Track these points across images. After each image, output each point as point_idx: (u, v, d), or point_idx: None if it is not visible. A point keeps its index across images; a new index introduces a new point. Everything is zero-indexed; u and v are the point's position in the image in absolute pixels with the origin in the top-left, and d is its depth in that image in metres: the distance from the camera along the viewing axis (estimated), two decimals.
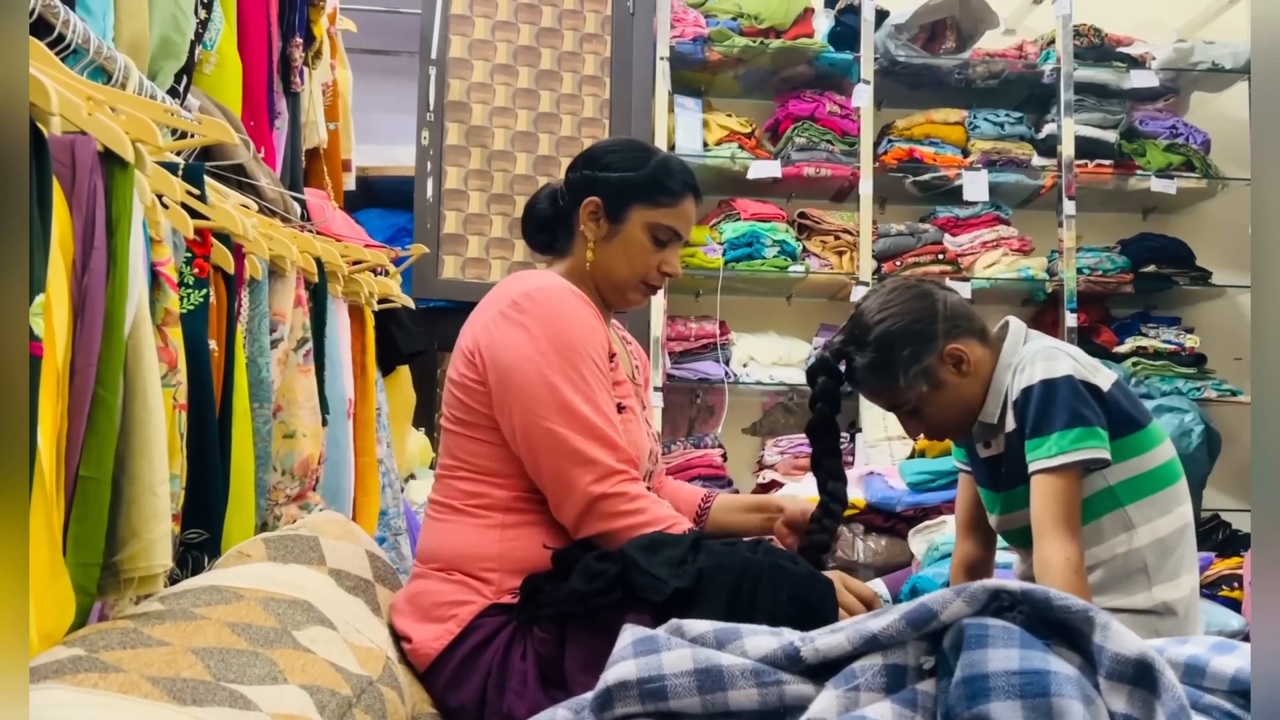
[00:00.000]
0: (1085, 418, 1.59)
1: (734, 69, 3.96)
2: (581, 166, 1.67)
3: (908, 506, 2.92)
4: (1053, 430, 1.59)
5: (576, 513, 1.46)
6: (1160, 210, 4.20)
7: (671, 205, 1.63)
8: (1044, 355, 1.65)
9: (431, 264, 3.51)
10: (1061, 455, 1.58)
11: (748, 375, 3.79)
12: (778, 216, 3.85)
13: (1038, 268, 3.87)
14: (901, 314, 1.69)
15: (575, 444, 1.45)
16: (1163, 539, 1.66)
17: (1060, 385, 1.61)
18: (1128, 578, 1.66)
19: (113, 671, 0.96)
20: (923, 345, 1.69)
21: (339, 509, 2.13)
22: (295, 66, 2.59)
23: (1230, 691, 0.92)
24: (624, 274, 1.64)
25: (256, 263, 1.81)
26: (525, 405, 1.47)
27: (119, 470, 1.19)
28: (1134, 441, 1.66)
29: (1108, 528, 1.66)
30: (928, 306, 1.71)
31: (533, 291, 1.53)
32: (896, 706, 0.84)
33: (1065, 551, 1.57)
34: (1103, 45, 3.98)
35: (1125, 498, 1.66)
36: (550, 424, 1.46)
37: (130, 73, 1.54)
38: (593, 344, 1.52)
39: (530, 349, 1.48)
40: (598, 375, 1.50)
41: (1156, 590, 1.65)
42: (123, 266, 1.20)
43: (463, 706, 1.44)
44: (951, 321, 1.70)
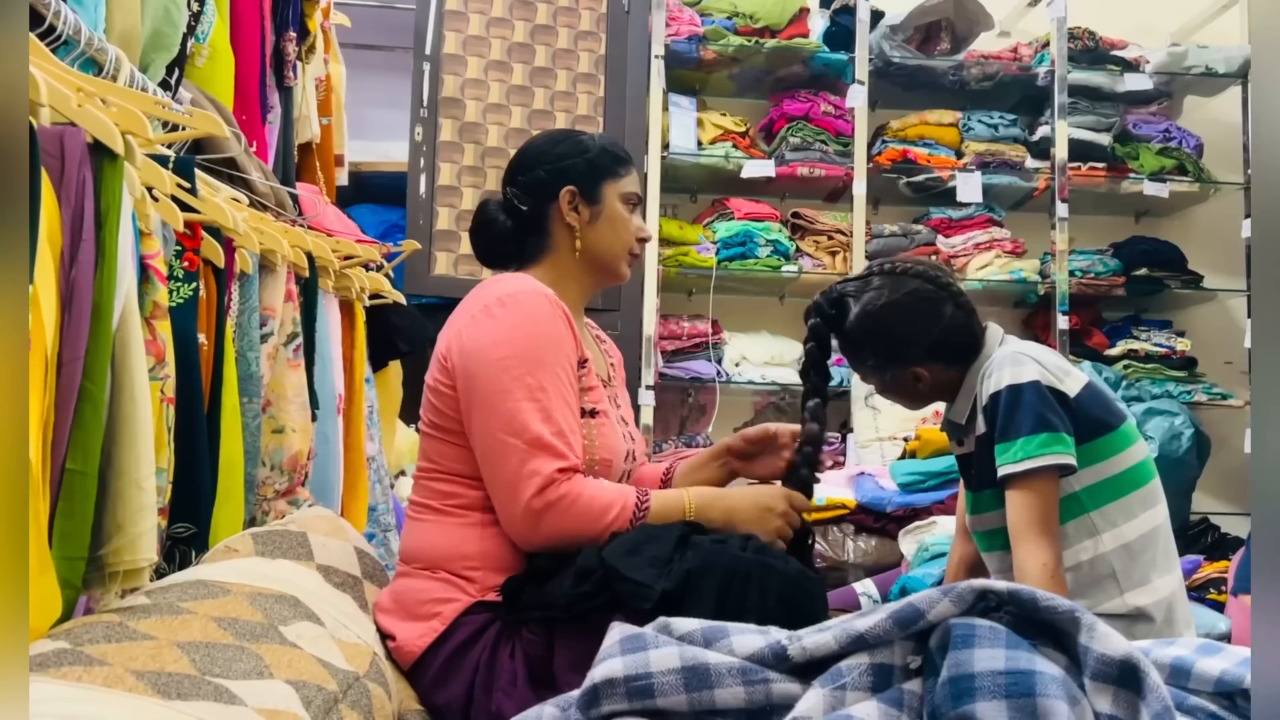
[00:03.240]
0: (1050, 423, 1.60)
1: (729, 68, 3.97)
2: (534, 167, 1.67)
3: (898, 507, 2.92)
4: (1019, 435, 1.61)
5: (519, 529, 1.46)
6: (1153, 214, 4.21)
7: (629, 172, 1.69)
8: (1011, 360, 1.66)
9: (424, 260, 3.51)
10: (1027, 460, 1.60)
11: (740, 375, 3.79)
12: (771, 216, 3.85)
13: (1030, 270, 3.88)
14: (890, 322, 1.72)
15: (517, 456, 1.44)
16: (1129, 544, 1.65)
17: (1026, 390, 1.62)
18: (1096, 584, 1.66)
19: (97, 665, 0.96)
20: (890, 358, 1.75)
21: (328, 505, 2.12)
22: (288, 61, 2.58)
23: (1215, 693, 0.92)
24: (616, 249, 1.67)
25: (247, 257, 1.80)
26: (481, 412, 1.48)
27: (105, 464, 1.18)
28: (1101, 446, 1.66)
29: (1072, 534, 1.66)
30: (919, 327, 1.72)
31: (506, 297, 1.52)
32: (883, 706, 0.84)
33: (1041, 557, 1.57)
34: (1097, 48, 3.99)
35: (1090, 503, 1.66)
36: (498, 434, 1.45)
37: (121, 65, 1.53)
38: (558, 352, 1.51)
39: (493, 354, 1.48)
40: (558, 383, 1.49)
41: (1129, 596, 1.64)
42: (111, 259, 1.19)
43: (448, 705, 1.43)
44: (936, 344, 1.73)
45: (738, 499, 1.56)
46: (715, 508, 1.53)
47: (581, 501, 1.44)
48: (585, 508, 1.44)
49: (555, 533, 1.44)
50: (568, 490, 1.44)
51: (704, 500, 1.53)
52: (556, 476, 1.44)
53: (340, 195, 3.21)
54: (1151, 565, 1.66)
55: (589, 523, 1.44)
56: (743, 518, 1.53)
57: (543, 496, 1.43)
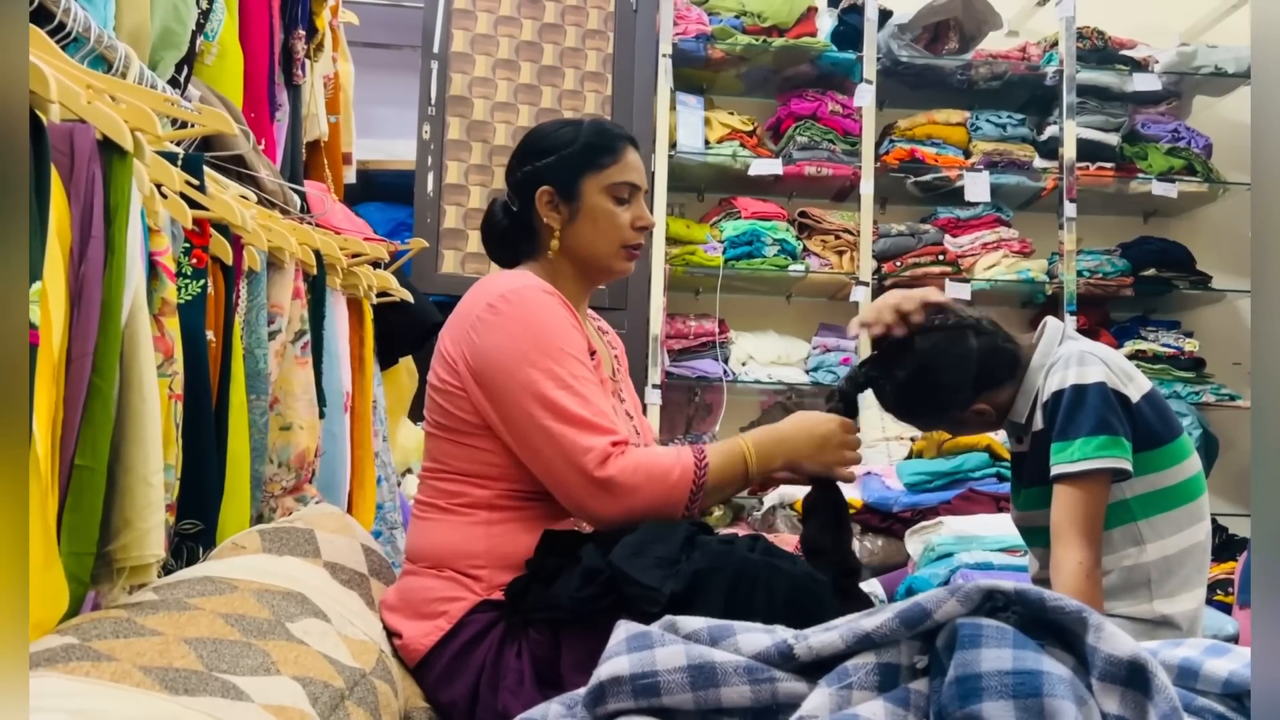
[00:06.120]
0: (1111, 426, 1.59)
1: (736, 67, 3.96)
2: (519, 166, 1.66)
3: (904, 507, 2.92)
4: (1078, 436, 1.59)
5: (593, 505, 1.44)
6: (1161, 214, 4.20)
7: (616, 162, 1.62)
8: (1078, 360, 1.64)
9: (431, 258, 3.51)
10: (1084, 461, 1.58)
11: (746, 374, 3.78)
12: (778, 215, 3.85)
13: (1038, 270, 3.87)
14: (927, 387, 1.69)
15: (569, 438, 1.43)
16: (1169, 556, 1.65)
17: (1090, 392, 1.60)
18: (1131, 589, 1.66)
19: (105, 660, 0.96)
20: (946, 411, 1.73)
21: (335, 502, 2.13)
22: (297, 59, 2.59)
23: (1223, 694, 0.92)
24: (601, 246, 1.62)
25: (255, 254, 1.80)
26: (515, 409, 1.46)
27: (114, 460, 1.19)
28: (1156, 457, 1.65)
29: (1118, 540, 1.65)
30: (956, 377, 1.69)
31: (508, 293, 1.51)
32: (889, 705, 0.84)
33: (1079, 556, 1.56)
34: (1105, 48, 3.98)
35: (1140, 512, 1.65)
36: (543, 421, 1.44)
37: (131, 62, 1.54)
38: (571, 341, 1.50)
39: (512, 349, 1.47)
40: (581, 369, 1.48)
41: (1158, 604, 1.64)
42: (120, 255, 1.19)
43: (454, 703, 1.43)
44: (978, 380, 1.70)
45: (794, 437, 1.54)
46: (776, 453, 1.51)
47: (644, 467, 1.42)
48: (649, 471, 1.42)
49: (629, 503, 1.42)
50: (627, 460, 1.42)
51: (763, 447, 1.51)
52: (612, 450, 1.42)
53: (348, 193, 3.21)
54: (1186, 580, 1.66)
55: (654, 485, 1.42)
56: (805, 455, 1.53)
57: (604, 469, 1.41)
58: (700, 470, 1.45)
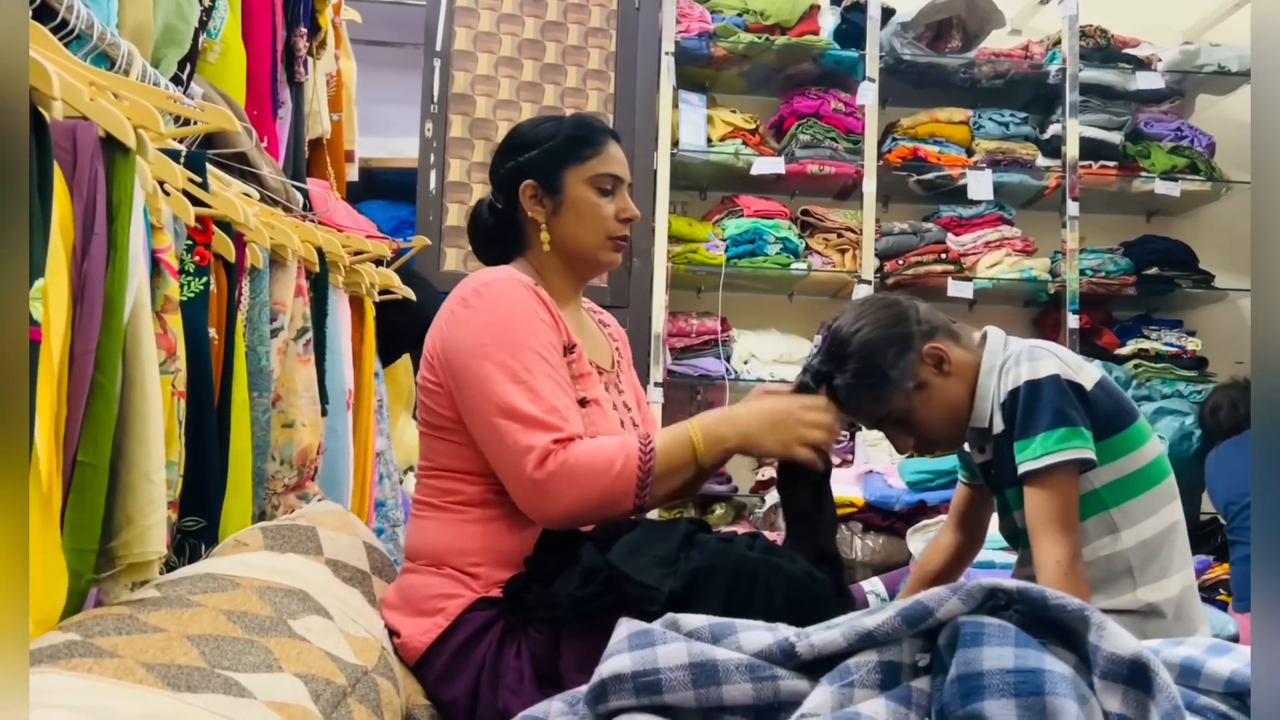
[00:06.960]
0: (1070, 417, 1.58)
1: (739, 65, 3.96)
2: (502, 162, 1.65)
3: (906, 505, 2.92)
4: (1038, 431, 1.59)
5: (532, 507, 1.43)
6: (1164, 213, 4.20)
7: (598, 154, 1.61)
8: (1028, 355, 1.64)
9: (433, 256, 3.51)
10: (1047, 456, 1.58)
11: (748, 372, 3.78)
12: (781, 213, 3.84)
13: (1040, 268, 3.87)
14: (876, 321, 1.69)
15: (512, 436, 1.42)
16: (1147, 541, 1.65)
17: (1045, 385, 1.60)
18: (1112, 580, 1.65)
19: (107, 657, 0.96)
20: (902, 346, 1.67)
21: (337, 499, 2.13)
22: (299, 56, 2.58)
23: (1225, 693, 0.92)
24: (587, 238, 1.62)
25: (258, 251, 1.81)
26: (473, 403, 1.46)
27: (116, 457, 1.19)
28: (1119, 442, 1.65)
29: (1092, 531, 1.65)
30: (899, 313, 1.70)
31: (480, 287, 1.52)
32: (890, 704, 0.84)
33: (1056, 554, 1.56)
34: (1108, 46, 3.98)
35: (1110, 500, 1.65)
36: (490, 417, 1.44)
37: (133, 59, 1.54)
38: (535, 333, 1.49)
39: (472, 343, 1.47)
40: (540, 363, 1.47)
41: (1141, 592, 1.64)
42: (123, 252, 1.20)
43: (454, 701, 1.43)
44: (926, 324, 1.70)
45: (746, 414, 1.50)
46: (726, 433, 1.48)
47: (582, 463, 1.40)
48: (586, 468, 1.40)
49: (567, 502, 1.40)
50: (565, 458, 1.40)
51: (710, 427, 1.47)
52: (552, 448, 1.40)
53: (350, 191, 3.21)
54: (1168, 562, 1.65)
55: (594, 480, 1.40)
56: (759, 432, 1.48)
57: (543, 469, 1.39)
58: (646, 457, 1.42)
